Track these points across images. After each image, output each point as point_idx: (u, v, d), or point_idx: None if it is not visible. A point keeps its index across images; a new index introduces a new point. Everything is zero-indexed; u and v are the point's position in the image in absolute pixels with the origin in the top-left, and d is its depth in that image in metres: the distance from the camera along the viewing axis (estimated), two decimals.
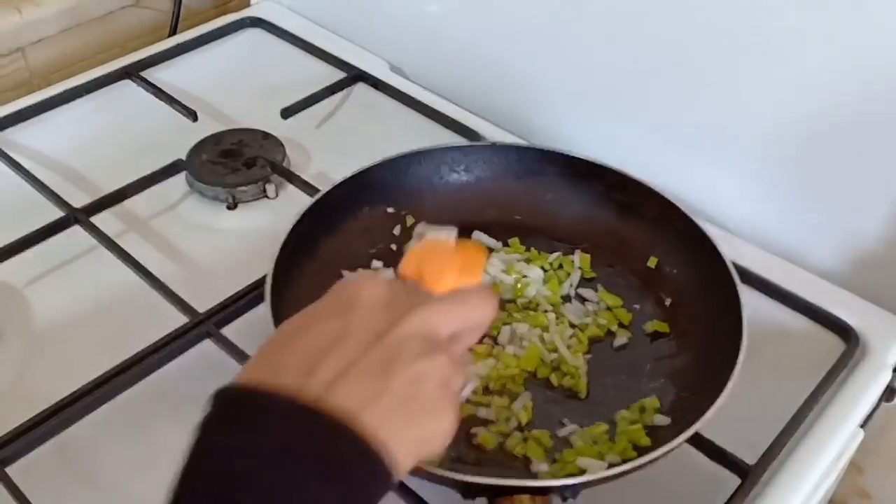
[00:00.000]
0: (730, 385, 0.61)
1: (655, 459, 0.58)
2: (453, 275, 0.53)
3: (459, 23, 0.97)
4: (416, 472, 0.58)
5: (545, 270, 0.76)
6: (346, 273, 0.75)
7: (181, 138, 0.90)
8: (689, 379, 0.68)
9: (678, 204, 0.74)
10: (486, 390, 0.68)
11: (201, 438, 0.43)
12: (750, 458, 0.63)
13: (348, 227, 0.78)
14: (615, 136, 0.88)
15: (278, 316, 0.66)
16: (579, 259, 0.77)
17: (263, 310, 0.73)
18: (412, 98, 0.97)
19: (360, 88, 0.99)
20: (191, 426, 0.67)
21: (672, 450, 0.58)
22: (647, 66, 0.83)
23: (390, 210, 0.80)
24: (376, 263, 0.77)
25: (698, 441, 0.63)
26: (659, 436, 0.63)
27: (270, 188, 0.87)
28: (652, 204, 0.76)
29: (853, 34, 0.69)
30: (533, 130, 0.92)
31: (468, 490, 0.59)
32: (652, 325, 0.72)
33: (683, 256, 0.74)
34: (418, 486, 0.61)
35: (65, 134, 0.91)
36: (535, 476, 0.62)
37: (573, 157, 0.79)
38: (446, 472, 0.57)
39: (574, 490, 0.59)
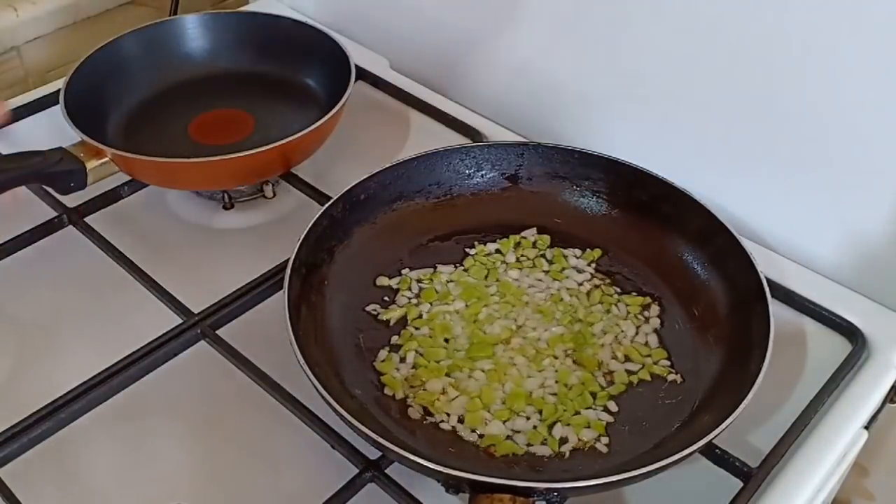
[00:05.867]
0: (745, 402, 0.59)
1: (663, 468, 0.57)
2: None
3: (460, 20, 0.96)
4: (403, 461, 0.58)
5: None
6: (381, 279, 0.75)
7: None
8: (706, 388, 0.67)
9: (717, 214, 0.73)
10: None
11: None
12: (753, 461, 0.62)
13: (382, 219, 0.77)
14: (617, 135, 0.87)
15: (293, 298, 0.66)
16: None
17: (262, 310, 0.73)
18: (413, 96, 0.96)
19: (360, 86, 0.98)
20: (186, 428, 0.67)
21: (681, 459, 0.57)
22: (650, 69, 0.82)
23: (426, 205, 0.79)
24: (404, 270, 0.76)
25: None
26: (668, 445, 0.62)
27: (268, 188, 0.86)
28: (695, 217, 0.75)
29: (854, 34, 0.68)
30: (535, 129, 0.92)
31: (451, 483, 0.58)
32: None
33: (718, 270, 0.73)
34: (411, 484, 0.61)
35: (59, 133, 0.91)
36: (522, 478, 0.61)
37: (618, 163, 0.78)
38: (430, 463, 0.56)
39: (561, 495, 0.58)
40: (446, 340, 0.70)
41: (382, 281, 0.75)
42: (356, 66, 0.87)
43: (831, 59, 0.71)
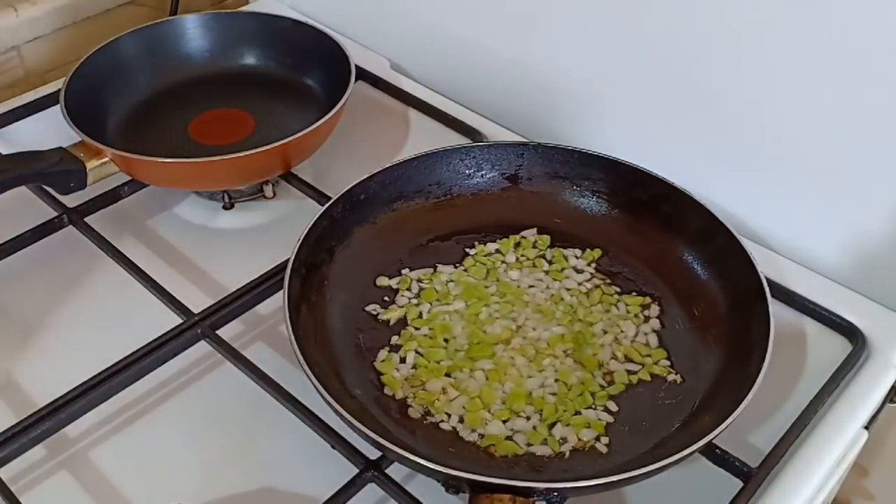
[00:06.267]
0: (745, 402, 0.59)
1: (663, 468, 0.57)
2: None
3: (460, 20, 0.96)
4: (403, 461, 0.58)
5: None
6: (381, 279, 0.75)
7: None
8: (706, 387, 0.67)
9: (721, 218, 0.73)
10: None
11: None
12: (753, 461, 0.62)
13: (382, 219, 0.77)
14: (617, 135, 0.87)
15: (293, 298, 0.66)
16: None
17: (262, 310, 0.73)
18: (413, 96, 0.96)
19: (360, 86, 0.98)
20: (186, 428, 0.67)
21: (681, 459, 0.57)
22: (650, 69, 0.82)
23: (426, 205, 0.79)
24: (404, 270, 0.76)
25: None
26: (668, 445, 0.62)
27: (268, 188, 0.86)
28: (695, 217, 0.75)
29: (854, 34, 0.68)
30: (534, 129, 0.92)
31: (451, 483, 0.58)
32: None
33: (718, 271, 0.73)
34: (411, 484, 0.61)
35: (59, 133, 0.91)
36: (522, 478, 0.61)
37: (618, 163, 0.78)
38: (430, 463, 0.56)
39: (561, 495, 0.58)
40: (446, 340, 0.70)
41: (382, 281, 0.75)
42: (356, 66, 0.87)
43: (832, 59, 0.70)
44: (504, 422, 0.65)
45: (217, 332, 0.70)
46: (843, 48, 0.69)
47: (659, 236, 0.77)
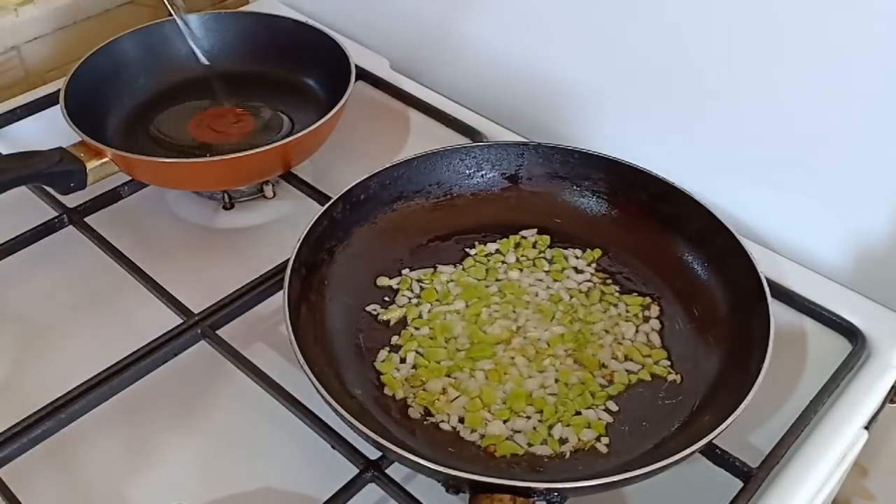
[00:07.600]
0: (745, 403, 0.59)
1: (663, 468, 0.57)
2: None
3: (461, 20, 0.96)
4: (403, 461, 0.58)
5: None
6: (381, 280, 0.75)
7: None
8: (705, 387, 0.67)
9: (721, 218, 0.73)
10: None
11: None
12: (753, 461, 0.62)
13: (382, 220, 0.77)
14: (617, 135, 0.87)
15: (293, 298, 0.66)
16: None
17: (262, 310, 0.73)
18: (413, 96, 0.96)
19: (360, 86, 0.98)
20: (186, 428, 0.67)
21: (681, 460, 0.57)
22: (651, 69, 0.82)
23: (426, 205, 0.79)
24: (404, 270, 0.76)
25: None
26: (668, 445, 0.62)
27: (268, 188, 0.86)
28: (695, 217, 0.74)
29: (855, 33, 0.68)
30: (534, 129, 0.92)
31: (451, 483, 0.58)
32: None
33: (718, 271, 0.73)
34: (411, 484, 0.61)
35: (59, 133, 0.91)
36: (522, 478, 0.61)
37: (618, 163, 0.78)
38: (430, 463, 0.56)
39: (561, 495, 0.58)
40: (446, 340, 0.70)
41: (383, 281, 0.75)
42: (356, 66, 0.87)
43: (832, 59, 0.70)
44: (504, 422, 0.65)
45: (217, 332, 0.70)
46: (843, 48, 0.70)
47: (659, 236, 0.77)
